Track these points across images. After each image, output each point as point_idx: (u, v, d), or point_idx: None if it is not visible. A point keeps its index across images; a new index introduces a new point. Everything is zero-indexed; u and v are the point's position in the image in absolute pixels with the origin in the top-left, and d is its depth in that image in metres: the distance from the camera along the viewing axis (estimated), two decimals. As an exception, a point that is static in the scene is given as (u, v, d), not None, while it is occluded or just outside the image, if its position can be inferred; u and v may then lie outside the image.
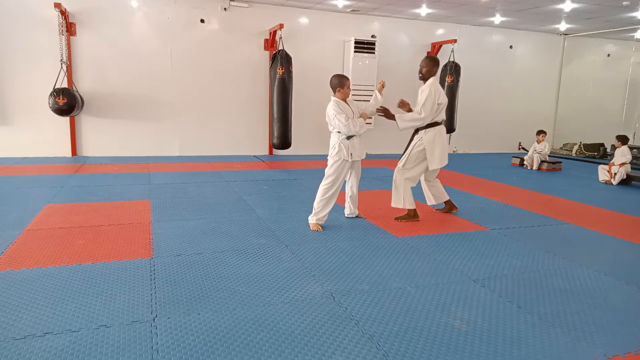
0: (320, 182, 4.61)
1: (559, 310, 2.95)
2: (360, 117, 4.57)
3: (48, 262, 3.45)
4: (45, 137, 8.40)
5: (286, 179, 7.18)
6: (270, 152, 9.84)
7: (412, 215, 4.92)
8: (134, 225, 4.48)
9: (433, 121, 4.75)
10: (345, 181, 4.75)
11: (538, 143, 9.26)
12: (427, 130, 4.78)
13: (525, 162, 9.30)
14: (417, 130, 4.88)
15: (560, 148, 12.14)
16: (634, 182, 7.60)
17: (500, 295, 3.14)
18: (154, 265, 3.45)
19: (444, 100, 4.73)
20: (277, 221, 4.76)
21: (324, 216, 4.59)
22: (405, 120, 4.71)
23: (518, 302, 3.03)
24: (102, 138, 8.75)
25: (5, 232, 4.10)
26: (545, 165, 9.03)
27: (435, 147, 4.76)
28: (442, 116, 4.81)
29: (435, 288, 3.22)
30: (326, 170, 4.57)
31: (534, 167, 9.04)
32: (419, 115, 4.65)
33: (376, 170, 8.12)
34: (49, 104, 7.49)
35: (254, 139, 9.71)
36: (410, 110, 4.79)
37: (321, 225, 4.56)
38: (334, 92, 4.52)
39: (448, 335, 2.58)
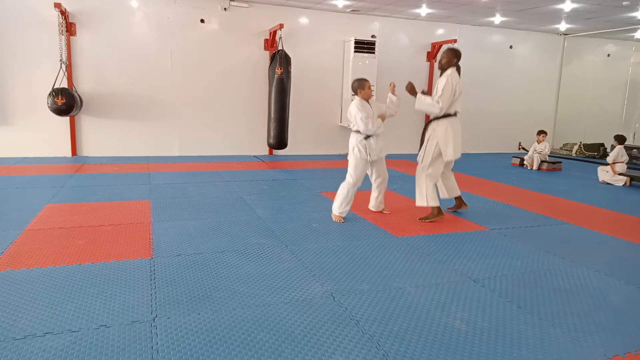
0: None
1: (559, 310, 2.95)
2: (379, 117, 4.76)
3: (48, 262, 3.45)
4: (45, 137, 8.39)
5: (286, 179, 7.18)
6: (270, 152, 9.84)
7: (435, 214, 4.91)
8: (134, 225, 4.48)
9: (446, 112, 4.75)
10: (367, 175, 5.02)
11: (538, 143, 9.26)
12: (439, 121, 4.78)
13: (525, 162, 9.30)
14: (429, 122, 4.93)
15: (560, 148, 12.14)
16: (634, 182, 7.60)
17: (500, 295, 3.14)
18: (154, 265, 3.45)
19: (460, 91, 4.75)
20: (277, 221, 4.76)
21: (346, 210, 4.86)
22: (423, 103, 4.77)
23: (518, 302, 3.03)
24: (102, 138, 8.75)
25: (5, 232, 4.10)
26: (545, 165, 9.03)
27: (449, 139, 4.76)
28: (457, 107, 4.80)
29: (435, 288, 3.22)
30: (348, 169, 4.81)
31: (534, 167, 9.04)
32: (437, 104, 4.67)
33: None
34: (48, 104, 7.49)
35: (253, 139, 9.70)
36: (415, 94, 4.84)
37: (343, 218, 4.84)
38: (356, 94, 4.77)
39: (448, 335, 2.58)
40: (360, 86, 4.69)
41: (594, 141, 11.50)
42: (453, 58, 4.76)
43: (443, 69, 4.80)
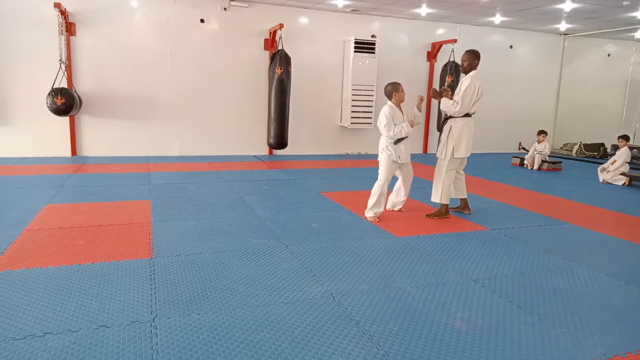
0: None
1: (559, 310, 2.95)
2: (409, 122, 4.86)
3: (48, 262, 3.45)
4: (45, 137, 8.39)
5: (286, 179, 7.18)
6: (270, 152, 9.83)
7: (443, 212, 5.09)
8: (134, 225, 4.47)
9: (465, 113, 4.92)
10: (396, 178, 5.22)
11: (538, 143, 9.25)
12: (457, 120, 4.93)
13: (525, 162, 9.30)
14: (445, 120, 5.06)
15: (561, 148, 12.13)
16: (634, 182, 7.60)
17: (500, 295, 3.14)
18: (154, 266, 3.45)
19: (481, 93, 4.87)
20: (277, 221, 4.76)
21: (380, 210, 4.95)
22: (446, 105, 4.95)
23: (518, 302, 3.03)
24: (102, 138, 8.75)
25: (5, 232, 4.10)
26: (545, 165, 9.03)
27: (463, 137, 4.92)
28: (474, 108, 4.95)
29: (435, 288, 3.22)
30: (379, 171, 4.97)
31: (535, 167, 9.04)
32: (456, 106, 4.83)
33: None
34: (47, 103, 7.48)
35: (253, 139, 9.70)
36: (451, 97, 4.98)
37: (377, 218, 4.92)
38: (390, 98, 4.91)
39: (448, 335, 2.58)
40: (395, 89, 4.86)
41: (594, 141, 11.50)
42: (474, 60, 4.89)
43: (466, 72, 4.92)
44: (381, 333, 2.57)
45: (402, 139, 4.87)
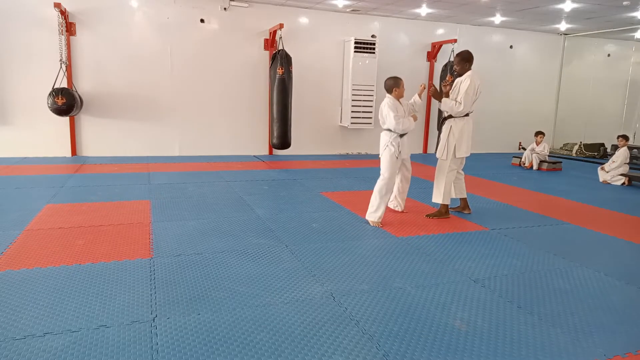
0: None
1: (559, 310, 2.95)
2: (411, 117, 4.85)
3: (48, 262, 3.45)
4: (45, 137, 8.39)
5: (286, 179, 7.18)
6: (270, 152, 9.83)
7: (443, 212, 5.09)
8: (134, 225, 4.47)
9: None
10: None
11: (537, 144, 9.26)
12: (456, 120, 4.94)
13: (522, 159, 9.29)
14: (444, 120, 5.06)
15: (561, 148, 12.13)
16: (634, 182, 7.60)
17: (500, 295, 3.14)
18: (154, 266, 3.45)
19: (480, 92, 4.90)
20: (277, 221, 4.76)
21: (383, 212, 4.75)
22: (447, 105, 4.93)
23: (518, 302, 3.03)
24: (102, 138, 8.75)
25: (5, 232, 4.10)
26: (545, 165, 9.03)
27: (463, 136, 4.94)
28: (473, 108, 4.96)
29: (435, 288, 3.22)
30: (381, 168, 4.80)
31: (534, 167, 9.04)
32: (459, 106, 4.82)
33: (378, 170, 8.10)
34: (48, 104, 7.48)
35: (254, 139, 9.70)
36: (448, 94, 4.98)
37: (381, 223, 4.73)
38: (390, 92, 4.81)
39: (448, 335, 2.58)
40: (395, 84, 4.78)
41: (594, 141, 11.50)
42: (466, 62, 4.88)
43: (460, 74, 4.92)
44: (381, 333, 2.57)
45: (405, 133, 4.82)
